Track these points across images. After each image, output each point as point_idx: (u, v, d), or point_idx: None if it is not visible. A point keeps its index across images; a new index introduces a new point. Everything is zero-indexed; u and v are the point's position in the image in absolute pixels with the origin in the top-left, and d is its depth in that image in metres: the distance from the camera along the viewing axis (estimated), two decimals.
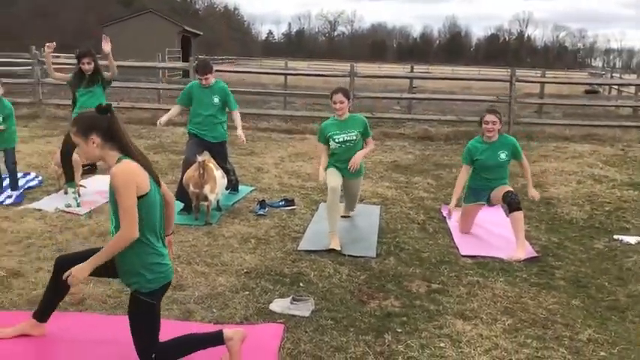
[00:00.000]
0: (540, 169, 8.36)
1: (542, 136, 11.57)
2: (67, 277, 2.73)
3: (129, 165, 2.71)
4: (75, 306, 3.62)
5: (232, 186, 6.35)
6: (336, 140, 5.22)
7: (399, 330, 3.48)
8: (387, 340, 3.35)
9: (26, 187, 6.42)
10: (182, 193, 5.62)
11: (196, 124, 6.02)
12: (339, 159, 5.27)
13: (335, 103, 5.24)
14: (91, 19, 33.84)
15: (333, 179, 5.14)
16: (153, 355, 2.88)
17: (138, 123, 11.82)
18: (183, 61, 25.65)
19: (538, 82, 14.69)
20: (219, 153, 6.08)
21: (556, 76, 20.80)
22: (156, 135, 10.50)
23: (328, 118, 5.49)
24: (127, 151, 2.76)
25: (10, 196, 5.98)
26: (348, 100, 5.28)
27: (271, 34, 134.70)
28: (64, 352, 3.05)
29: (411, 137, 11.42)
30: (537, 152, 9.84)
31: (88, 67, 6.04)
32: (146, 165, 2.81)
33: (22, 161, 7.64)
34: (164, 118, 6.04)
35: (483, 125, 5.18)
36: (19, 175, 6.62)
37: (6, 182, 6.20)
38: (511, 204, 4.96)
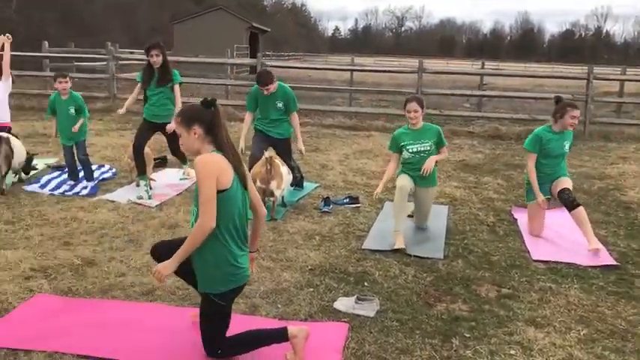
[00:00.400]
0: (619, 171, 7.96)
1: (620, 137, 11.03)
2: (153, 273, 2.79)
3: (213, 156, 2.75)
4: (145, 296, 3.71)
5: (297, 182, 6.36)
6: (410, 150, 5.13)
7: (467, 335, 3.37)
8: (454, 345, 3.25)
9: (100, 178, 6.66)
10: None
11: (262, 122, 6.10)
12: (411, 167, 5.18)
13: (409, 112, 5.13)
14: (165, 16, 34.90)
15: (403, 180, 5.08)
16: (219, 350, 2.92)
17: None
18: (250, 58, 26.03)
19: (618, 79, 13.96)
20: (283, 149, 6.13)
21: (638, 74, 19.71)
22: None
23: (394, 115, 5.40)
24: (221, 147, 2.79)
25: (85, 187, 6.22)
26: (423, 109, 5.15)
27: (338, 30, 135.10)
28: (133, 340, 3.12)
29: (480, 136, 11.13)
30: (616, 154, 9.38)
31: (156, 59, 6.16)
32: (236, 165, 2.83)
33: (97, 154, 7.95)
34: (242, 142, 6.02)
35: (567, 117, 5.08)
36: (94, 167, 6.88)
37: (81, 174, 6.45)
38: (567, 205, 4.96)
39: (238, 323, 3.07)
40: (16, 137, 6.41)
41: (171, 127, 6.15)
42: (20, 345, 3.03)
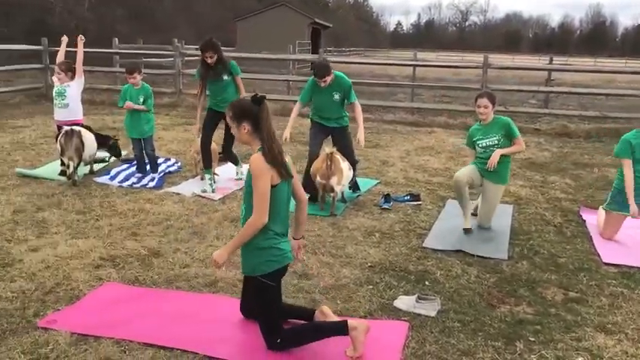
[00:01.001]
0: None
1: None
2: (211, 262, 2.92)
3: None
4: (208, 287, 3.78)
5: (353, 185, 6.25)
6: (480, 145, 5.15)
7: (532, 339, 3.27)
8: (518, 349, 3.16)
9: (166, 171, 6.85)
10: (307, 185, 5.71)
11: (319, 114, 6.07)
12: (481, 163, 5.16)
13: (479, 107, 5.09)
14: (228, 13, 35.53)
15: (461, 172, 5.12)
16: (278, 340, 2.98)
17: None
18: (312, 53, 26.13)
19: None
20: (341, 138, 6.00)
21: None
22: (284, 126, 10.74)
23: (456, 111, 5.32)
24: (266, 143, 2.90)
25: (152, 180, 6.41)
26: (494, 105, 5.09)
27: (400, 24, 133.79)
28: (197, 330, 3.19)
29: (547, 133, 10.77)
30: None
31: (210, 60, 6.20)
32: (279, 158, 2.91)
33: (163, 147, 8.18)
34: (287, 132, 5.98)
35: None
36: (160, 160, 7.08)
37: (147, 167, 6.64)
38: None
39: None
40: (90, 129, 6.68)
41: None
42: (90, 331, 3.16)
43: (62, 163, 6.45)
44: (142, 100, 6.49)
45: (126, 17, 23.92)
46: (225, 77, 6.24)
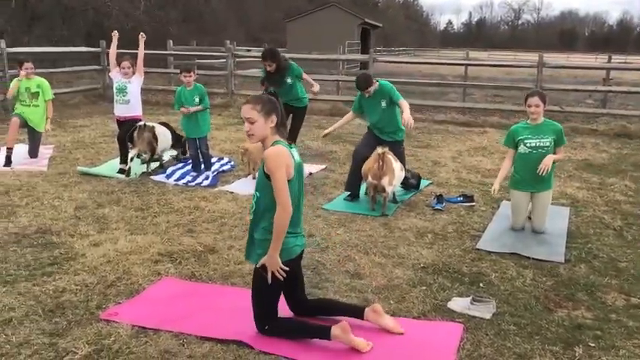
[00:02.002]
0: None
1: None
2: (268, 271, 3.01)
3: (280, 148, 2.99)
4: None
5: (412, 186, 6.25)
6: (528, 145, 4.97)
7: (592, 344, 3.19)
8: (577, 354, 3.09)
9: (220, 170, 6.98)
10: (351, 184, 5.89)
11: (373, 125, 6.14)
12: (526, 165, 4.99)
13: (530, 106, 4.98)
14: (277, 14, 35.85)
15: (517, 198, 5.06)
16: (266, 327, 3.13)
17: (318, 114, 12.28)
18: (362, 53, 26.09)
19: None
20: (394, 152, 6.02)
21: None
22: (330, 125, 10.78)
23: (509, 111, 5.23)
24: (283, 137, 3.10)
25: (206, 178, 6.54)
26: (545, 104, 4.98)
27: (450, 23, 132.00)
28: (251, 325, 3.23)
29: (605, 134, 10.44)
30: None
31: (269, 68, 6.33)
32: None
33: (217, 147, 8.33)
34: (329, 129, 6.26)
35: None
36: (214, 159, 7.22)
37: (202, 166, 6.78)
38: None
39: None
40: (167, 126, 6.97)
41: None
42: (149, 324, 3.25)
43: (121, 161, 6.68)
44: (197, 100, 6.64)
45: (178, 19, 24.44)
46: (289, 80, 6.39)
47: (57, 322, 3.26)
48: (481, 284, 3.97)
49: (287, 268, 3.01)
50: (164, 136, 6.82)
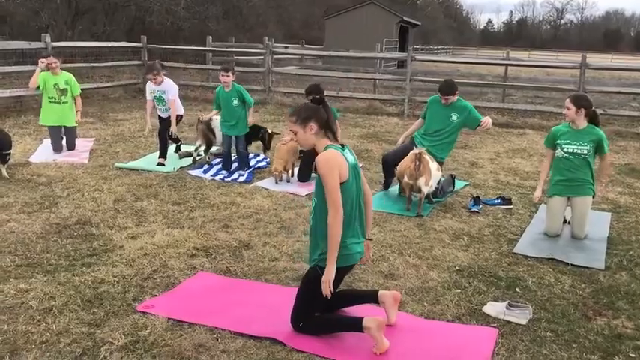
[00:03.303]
0: None
1: None
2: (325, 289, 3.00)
3: (332, 152, 2.97)
4: (296, 281, 3.83)
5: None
6: (565, 150, 4.92)
7: (633, 355, 3.10)
8: None
9: (256, 167, 7.02)
10: (386, 169, 6.13)
11: (425, 133, 6.15)
12: (562, 173, 4.94)
13: (564, 108, 4.97)
14: (317, 11, 35.87)
15: (553, 223, 4.97)
16: (300, 324, 3.13)
17: (354, 112, 12.25)
18: (399, 52, 25.92)
19: None
20: None
21: None
22: (371, 124, 10.77)
23: (550, 112, 5.17)
24: (333, 139, 3.08)
25: (242, 175, 6.60)
26: (579, 108, 4.87)
27: (490, 22, 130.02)
28: (285, 322, 3.24)
29: None
30: None
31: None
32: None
33: (253, 144, 8.36)
34: (402, 137, 6.36)
35: None
36: (250, 156, 7.26)
37: (234, 165, 6.83)
38: None
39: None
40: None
41: None
42: (184, 317, 3.30)
43: (160, 155, 6.80)
44: (236, 101, 6.70)
45: (218, 16, 24.68)
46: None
47: (95, 313, 3.33)
48: (517, 289, 3.90)
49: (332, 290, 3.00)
50: (219, 130, 6.97)
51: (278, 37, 24.29)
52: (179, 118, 6.99)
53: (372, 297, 3.34)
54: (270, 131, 7.33)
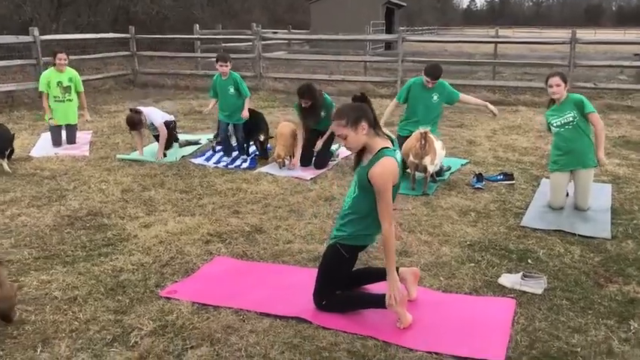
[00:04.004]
0: None
1: None
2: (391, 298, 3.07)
3: (388, 163, 2.95)
4: (313, 262, 3.90)
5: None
6: (555, 124, 5.08)
7: None
8: (632, 327, 3.11)
9: (256, 152, 7.03)
10: None
11: (409, 120, 6.16)
12: (559, 147, 5.08)
13: (551, 86, 5.03)
14: None
15: (557, 197, 5.07)
16: (323, 302, 3.21)
17: (347, 95, 12.20)
18: (386, 33, 25.88)
19: None
20: None
21: None
22: None
23: (540, 88, 5.25)
24: (382, 135, 3.07)
25: (245, 161, 6.62)
26: (566, 83, 5.01)
27: (473, 1, 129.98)
28: (309, 300, 3.31)
29: None
30: None
31: (305, 105, 6.25)
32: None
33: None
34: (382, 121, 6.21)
35: None
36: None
37: (234, 153, 6.83)
38: None
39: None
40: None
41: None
42: (208, 301, 3.35)
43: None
44: (232, 90, 6.71)
45: (203, 3, 24.47)
46: (322, 113, 6.31)
47: (119, 300, 3.38)
48: (529, 260, 3.99)
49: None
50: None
51: (264, 23, 24.08)
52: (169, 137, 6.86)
53: None
54: (262, 138, 6.82)
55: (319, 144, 6.37)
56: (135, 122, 6.57)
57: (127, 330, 3.06)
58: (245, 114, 6.73)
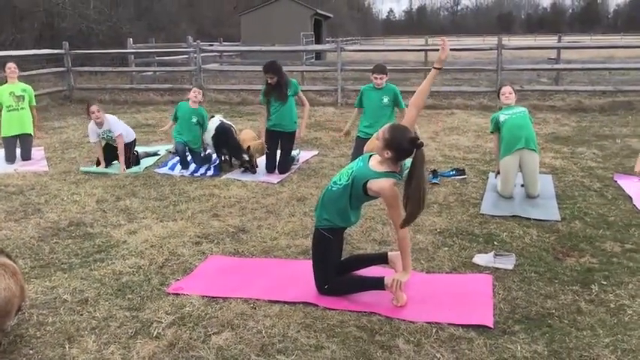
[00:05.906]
0: None
1: None
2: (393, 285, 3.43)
3: (391, 183, 3.35)
4: (303, 255, 4.19)
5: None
6: (506, 114, 5.77)
7: (604, 282, 3.70)
8: (594, 291, 3.59)
9: (216, 161, 7.19)
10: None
11: (366, 122, 6.51)
12: (508, 130, 5.64)
13: (504, 94, 5.81)
14: (227, 7, 35.79)
15: (507, 185, 5.61)
16: (326, 286, 3.53)
17: None
18: (316, 44, 26.43)
19: None
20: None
21: None
22: (310, 115, 11.13)
23: (470, 92, 5.86)
24: (414, 192, 3.37)
25: (209, 169, 6.79)
26: (515, 92, 5.90)
27: (392, 12, 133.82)
28: (312, 288, 3.59)
29: (563, 109, 11.20)
30: None
31: (271, 81, 6.52)
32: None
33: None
34: (347, 127, 6.79)
35: None
36: (209, 150, 7.39)
37: (192, 166, 6.94)
38: None
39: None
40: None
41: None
42: (216, 293, 3.56)
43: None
44: (194, 120, 6.86)
45: (131, 18, 24.17)
46: (289, 93, 6.58)
47: (130, 299, 3.54)
48: (495, 242, 4.44)
49: None
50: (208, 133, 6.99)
51: (192, 36, 24.11)
52: (129, 146, 6.92)
53: (382, 258, 3.75)
54: (246, 157, 6.65)
55: (304, 129, 6.94)
56: (92, 105, 6.62)
57: (146, 324, 3.23)
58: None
